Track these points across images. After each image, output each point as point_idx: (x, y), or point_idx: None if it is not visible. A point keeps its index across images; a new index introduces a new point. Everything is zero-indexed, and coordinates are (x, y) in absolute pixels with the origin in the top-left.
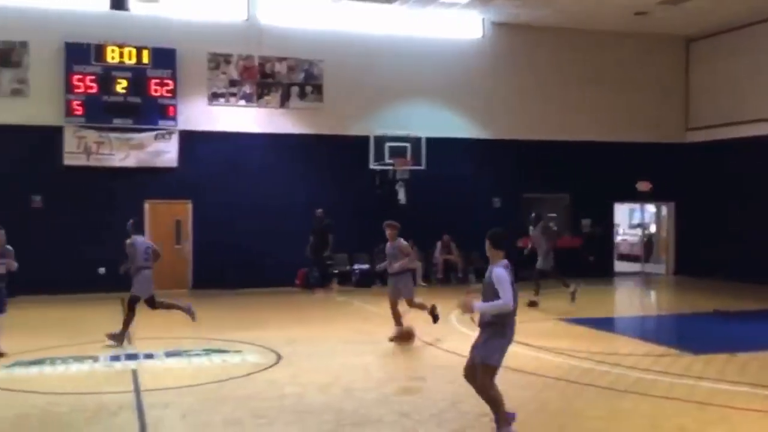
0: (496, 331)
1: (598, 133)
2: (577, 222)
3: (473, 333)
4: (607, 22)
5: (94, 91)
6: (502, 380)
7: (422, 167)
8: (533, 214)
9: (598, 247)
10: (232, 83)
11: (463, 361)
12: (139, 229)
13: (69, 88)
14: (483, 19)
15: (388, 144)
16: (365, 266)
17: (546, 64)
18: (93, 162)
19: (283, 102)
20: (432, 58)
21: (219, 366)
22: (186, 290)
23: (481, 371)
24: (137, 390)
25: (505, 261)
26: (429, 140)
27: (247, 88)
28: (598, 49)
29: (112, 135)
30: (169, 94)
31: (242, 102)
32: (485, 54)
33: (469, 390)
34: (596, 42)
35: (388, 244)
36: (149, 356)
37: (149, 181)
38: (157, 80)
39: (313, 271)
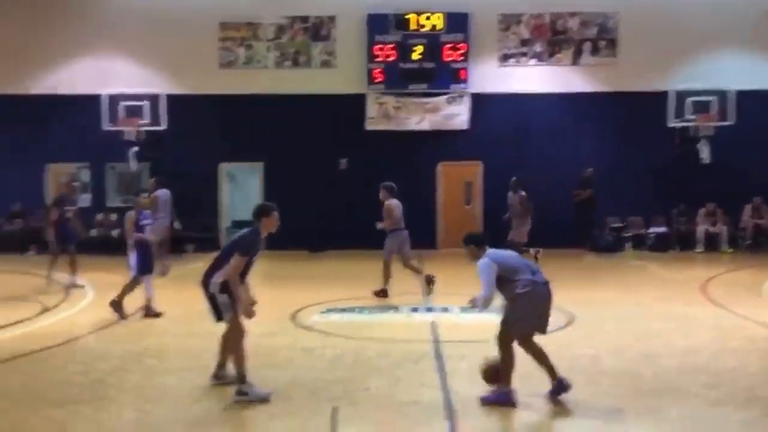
0: (511, 304)
1: None
2: None
3: None
4: None
5: (393, 59)
6: None
7: (730, 123)
8: (513, 179)
9: None
10: (523, 43)
11: None
12: (163, 184)
13: (371, 57)
14: None
15: (689, 99)
16: (662, 229)
17: None
18: (391, 126)
19: (575, 59)
20: None
21: None
22: None
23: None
24: (436, 341)
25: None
26: (739, 93)
27: (537, 47)
28: None
29: (408, 100)
30: (461, 58)
31: (533, 61)
32: None
33: None
34: None
35: None
36: (445, 310)
37: (442, 143)
38: (450, 45)
39: (605, 235)
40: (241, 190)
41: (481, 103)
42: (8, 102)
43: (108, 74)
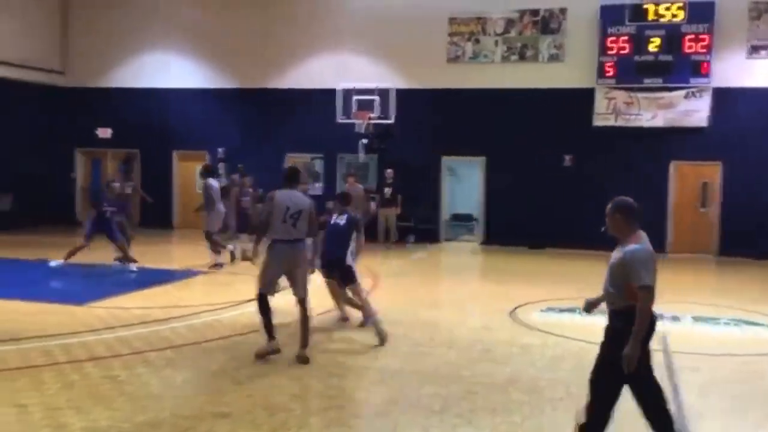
0: None
1: None
2: None
3: None
4: None
5: (626, 51)
6: None
7: None
8: (204, 164)
9: None
10: None
11: None
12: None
13: (602, 50)
14: None
15: None
16: None
17: None
18: (620, 122)
19: None
20: None
21: (751, 338)
22: (711, 255)
23: None
24: (665, 350)
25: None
26: None
27: None
28: None
29: (641, 95)
30: (704, 50)
31: None
32: None
33: None
34: None
35: None
36: (675, 319)
37: (676, 141)
38: (692, 36)
39: None
40: (461, 183)
41: (723, 98)
42: (253, 95)
43: (343, 69)
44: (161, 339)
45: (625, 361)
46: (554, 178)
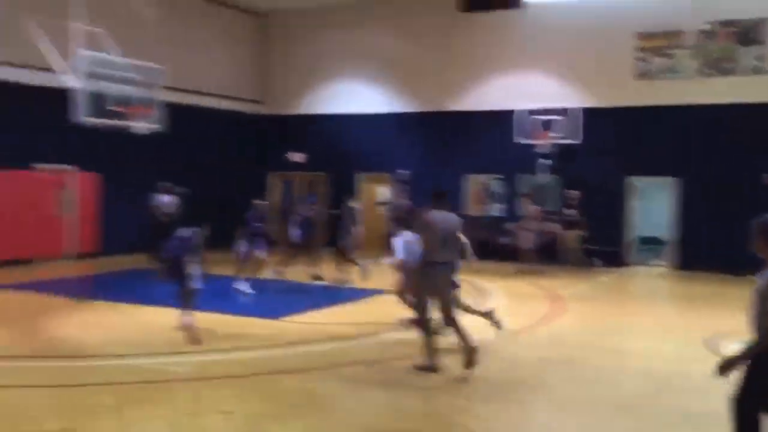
0: None
1: None
2: None
3: None
4: None
5: None
6: None
7: None
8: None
9: None
10: None
11: None
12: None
13: None
14: None
15: None
16: None
17: None
18: None
19: None
20: None
21: None
22: None
23: None
24: None
25: None
26: None
27: None
28: None
29: None
30: None
31: None
32: None
33: None
34: None
35: None
36: None
37: None
38: None
39: None
40: (647, 205)
41: None
42: (433, 118)
43: (521, 89)
44: (352, 354)
45: (718, 363)
46: (756, 199)
